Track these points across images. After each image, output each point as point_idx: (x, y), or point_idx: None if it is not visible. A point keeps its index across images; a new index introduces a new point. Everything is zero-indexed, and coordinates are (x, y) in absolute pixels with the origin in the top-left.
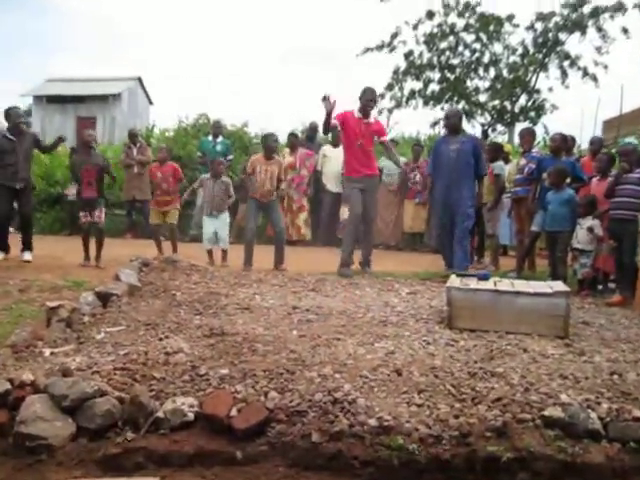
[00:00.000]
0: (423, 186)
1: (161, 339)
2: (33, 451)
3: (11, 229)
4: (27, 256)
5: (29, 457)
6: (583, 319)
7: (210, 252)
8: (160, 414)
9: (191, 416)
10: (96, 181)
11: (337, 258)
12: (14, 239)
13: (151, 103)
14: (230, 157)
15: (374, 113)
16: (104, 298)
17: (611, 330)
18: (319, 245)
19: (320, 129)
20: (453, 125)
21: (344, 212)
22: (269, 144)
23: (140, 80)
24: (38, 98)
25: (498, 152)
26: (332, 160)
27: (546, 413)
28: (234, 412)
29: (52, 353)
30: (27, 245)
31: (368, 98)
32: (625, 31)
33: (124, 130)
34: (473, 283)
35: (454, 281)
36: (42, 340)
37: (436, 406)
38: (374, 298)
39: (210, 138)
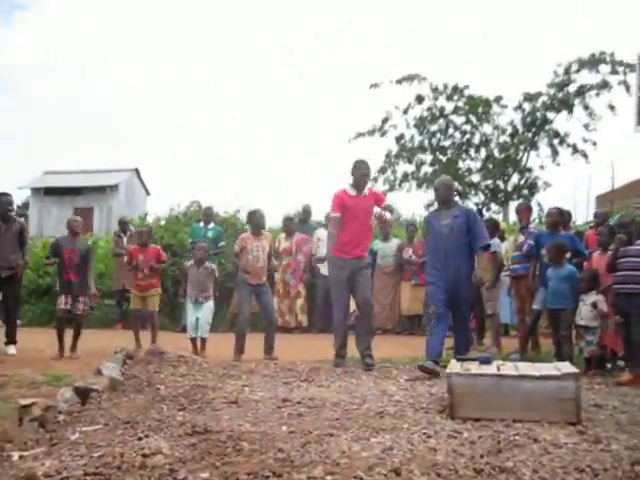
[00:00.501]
0: (419, 267)
1: (140, 438)
2: None
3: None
4: (11, 350)
5: None
6: (595, 401)
7: (194, 341)
8: None
9: None
10: (79, 266)
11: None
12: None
13: (148, 193)
14: (222, 244)
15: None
16: (83, 394)
17: (626, 412)
18: (315, 332)
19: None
20: (443, 197)
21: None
22: (256, 220)
23: (137, 171)
24: (36, 190)
25: (495, 229)
26: (325, 244)
27: None
28: None
29: (21, 457)
30: (10, 338)
31: (362, 172)
32: (612, 108)
33: None
34: (475, 368)
35: (454, 366)
36: (11, 442)
37: None
38: (370, 387)
39: (201, 224)
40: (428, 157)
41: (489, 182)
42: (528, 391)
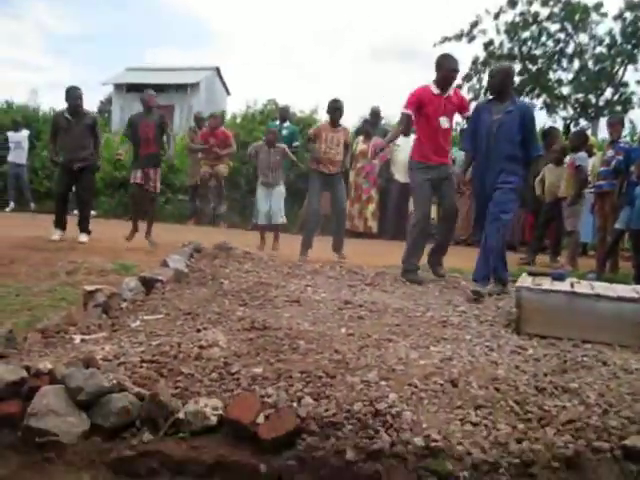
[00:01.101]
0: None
1: (199, 330)
2: (42, 448)
3: (75, 211)
4: (82, 238)
5: (37, 454)
6: None
7: (263, 231)
8: (181, 415)
9: (214, 420)
10: (155, 139)
11: (402, 250)
12: (74, 220)
13: (228, 93)
14: (296, 143)
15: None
16: (148, 284)
17: None
18: (386, 238)
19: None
20: (499, 85)
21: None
22: (334, 110)
23: (218, 70)
24: (118, 86)
25: (582, 141)
26: (402, 149)
27: (628, 442)
28: (261, 419)
29: (82, 340)
30: (83, 227)
31: (451, 67)
32: None
33: None
34: (547, 284)
35: (525, 280)
36: (75, 325)
37: (495, 426)
38: (436, 296)
39: (277, 122)
40: (517, 66)
41: (580, 96)
42: (602, 312)
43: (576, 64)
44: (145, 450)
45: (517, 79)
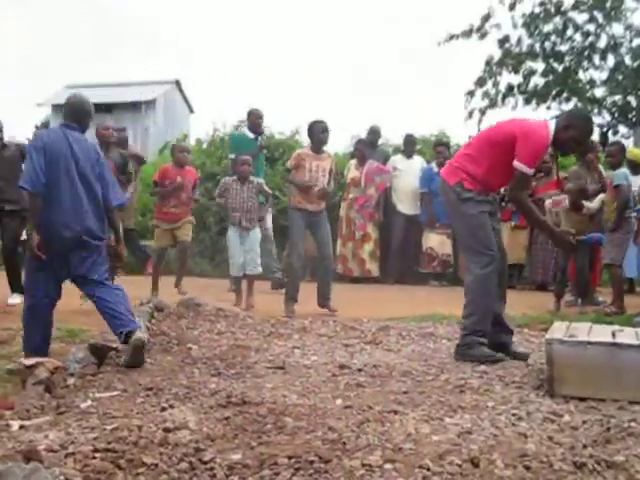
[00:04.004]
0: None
1: (163, 409)
2: None
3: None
4: (12, 299)
5: None
6: None
7: (239, 283)
8: None
9: None
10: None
11: (411, 298)
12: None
13: (192, 111)
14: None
15: None
16: (100, 353)
17: None
18: (389, 283)
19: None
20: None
21: (427, 240)
22: (318, 133)
23: (178, 84)
24: (57, 107)
25: (620, 157)
26: (405, 174)
27: None
28: None
29: (21, 426)
30: (14, 285)
31: None
32: None
33: (158, 143)
34: (583, 333)
35: (556, 330)
36: (11, 409)
37: None
38: (451, 354)
39: (249, 134)
40: (540, 65)
41: (617, 98)
42: None
43: (610, 60)
44: None
45: (541, 81)
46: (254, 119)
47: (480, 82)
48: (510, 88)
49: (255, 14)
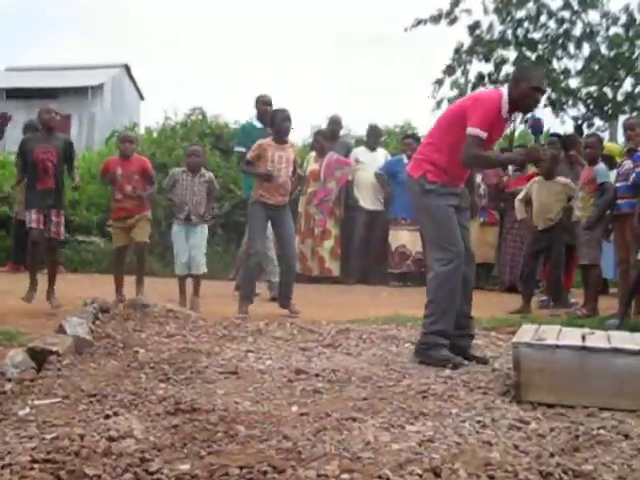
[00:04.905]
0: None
1: (107, 417)
2: None
3: None
4: None
5: None
6: None
7: (183, 281)
8: None
9: None
10: (56, 170)
11: (374, 299)
12: None
13: (142, 98)
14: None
15: None
16: (39, 358)
17: None
18: (350, 283)
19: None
20: None
21: (396, 238)
22: (279, 123)
23: (127, 68)
24: None
25: (599, 150)
26: (368, 167)
27: None
28: None
29: None
30: None
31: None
32: None
33: (105, 131)
34: (552, 336)
35: (525, 333)
36: None
37: None
38: (414, 358)
39: (256, 123)
40: (512, 54)
41: (593, 89)
42: (622, 371)
43: (586, 49)
44: None
45: (512, 69)
46: (261, 106)
47: (449, 71)
48: (480, 77)
49: None
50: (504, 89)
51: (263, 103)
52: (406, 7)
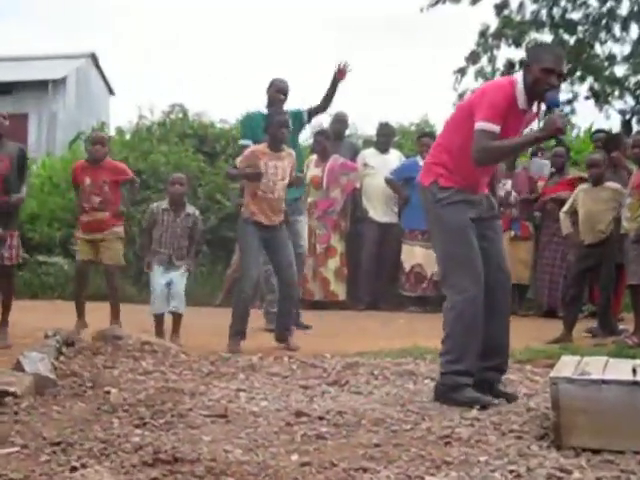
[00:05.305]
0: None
1: (74, 469)
2: None
3: None
4: None
5: None
6: None
7: (160, 320)
8: None
9: None
10: (6, 183)
11: (387, 328)
12: None
13: (112, 93)
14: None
15: None
16: None
17: None
18: (358, 309)
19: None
20: None
21: (411, 255)
22: (275, 129)
23: (95, 58)
24: None
25: None
26: (378, 172)
27: None
28: None
29: None
30: None
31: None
32: None
33: (69, 132)
34: (597, 370)
35: (565, 366)
36: None
37: None
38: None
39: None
40: (547, 37)
41: None
42: None
43: (634, 31)
44: None
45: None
46: (273, 92)
47: (473, 58)
48: (510, 65)
49: None
50: (519, 76)
51: (277, 90)
52: None
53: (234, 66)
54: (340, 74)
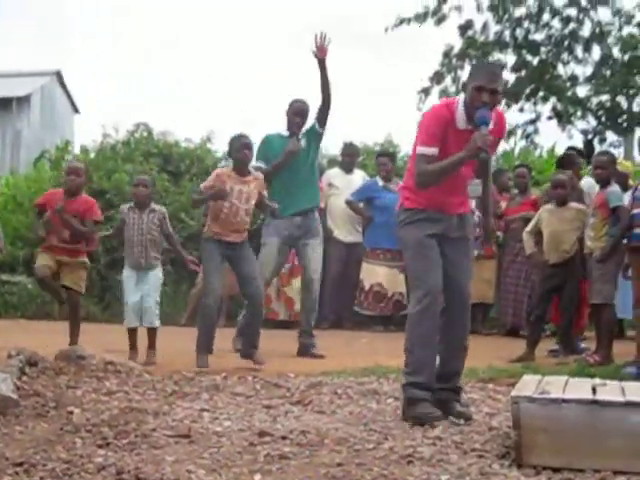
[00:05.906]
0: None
1: None
2: None
3: None
4: None
5: None
6: None
7: (134, 333)
8: None
9: None
10: None
11: (351, 347)
12: None
13: (77, 111)
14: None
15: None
16: None
17: None
18: (322, 327)
19: None
20: None
21: (372, 273)
22: (236, 152)
23: (59, 76)
24: None
25: (612, 170)
26: (343, 192)
27: None
28: None
29: None
30: None
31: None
32: None
33: (34, 150)
34: (557, 389)
35: (526, 386)
36: None
37: None
38: (398, 414)
39: (284, 133)
40: (510, 58)
41: (604, 98)
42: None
43: (596, 53)
44: None
45: (512, 77)
46: (291, 115)
47: (436, 77)
48: None
49: None
50: (461, 97)
51: (294, 113)
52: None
53: (199, 85)
54: (321, 52)
